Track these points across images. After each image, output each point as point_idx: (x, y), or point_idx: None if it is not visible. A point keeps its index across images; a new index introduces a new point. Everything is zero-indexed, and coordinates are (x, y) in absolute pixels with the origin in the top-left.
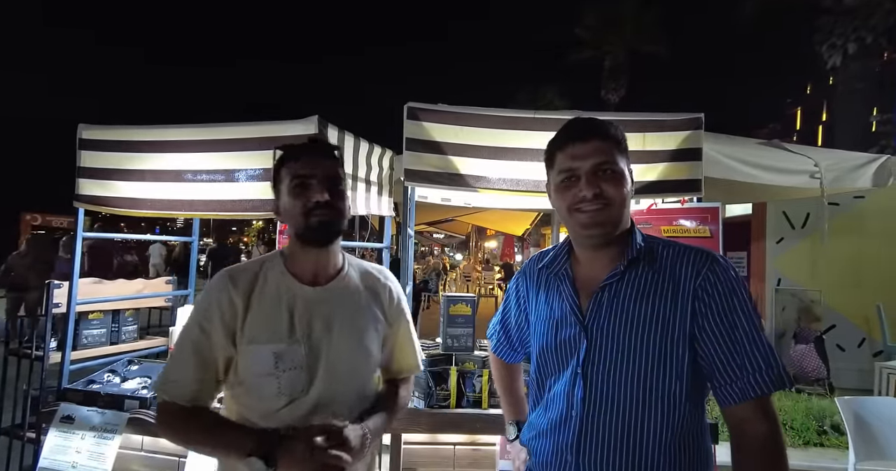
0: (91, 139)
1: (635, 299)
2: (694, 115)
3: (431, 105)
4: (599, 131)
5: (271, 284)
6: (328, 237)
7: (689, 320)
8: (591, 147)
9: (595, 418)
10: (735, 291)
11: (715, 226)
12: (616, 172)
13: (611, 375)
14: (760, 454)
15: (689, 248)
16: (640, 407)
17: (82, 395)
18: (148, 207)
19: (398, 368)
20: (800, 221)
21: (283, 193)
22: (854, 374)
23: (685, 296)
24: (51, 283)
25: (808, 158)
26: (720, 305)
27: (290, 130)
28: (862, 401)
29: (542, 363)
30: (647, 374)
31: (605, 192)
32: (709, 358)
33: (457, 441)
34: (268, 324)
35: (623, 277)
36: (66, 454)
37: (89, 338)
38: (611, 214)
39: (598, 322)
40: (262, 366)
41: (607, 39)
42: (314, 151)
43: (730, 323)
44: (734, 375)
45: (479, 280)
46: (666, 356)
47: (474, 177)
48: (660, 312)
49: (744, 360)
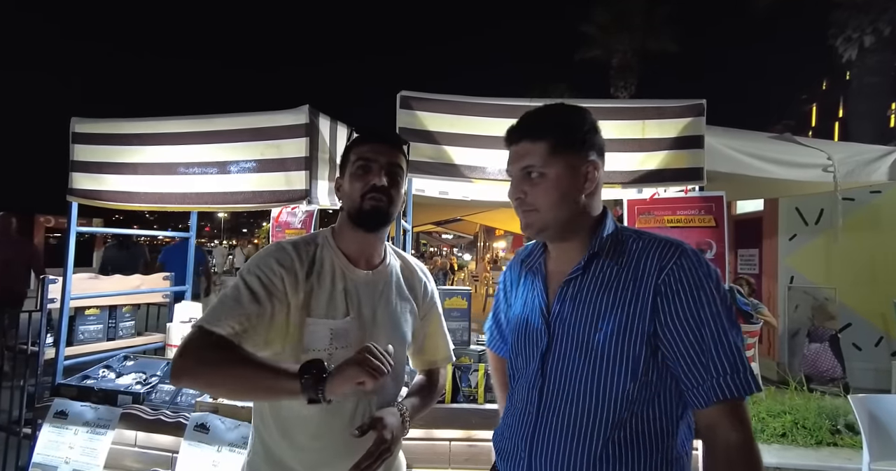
0: (83, 133)
1: (597, 294)
2: (695, 101)
3: (426, 94)
4: (528, 132)
5: (328, 263)
6: (377, 223)
7: (648, 318)
8: (519, 150)
9: (547, 414)
10: (702, 287)
11: (720, 216)
12: (543, 175)
13: (566, 371)
14: (729, 463)
15: (659, 240)
16: (590, 405)
17: (76, 390)
18: (141, 200)
19: (431, 358)
20: (813, 217)
21: (346, 173)
22: (871, 373)
23: (646, 291)
24: (45, 278)
25: (821, 152)
26: (685, 303)
27: (281, 121)
28: (876, 399)
29: (514, 358)
30: (601, 372)
31: (529, 197)
32: (673, 359)
33: (452, 437)
34: (328, 300)
35: (587, 271)
36: (59, 450)
37: (86, 334)
38: (539, 218)
39: (560, 317)
40: (318, 341)
41: (616, 37)
42: (383, 138)
43: (695, 322)
44: (700, 377)
45: (488, 280)
46: (621, 355)
47: (470, 167)
48: (618, 308)
49: (708, 361)
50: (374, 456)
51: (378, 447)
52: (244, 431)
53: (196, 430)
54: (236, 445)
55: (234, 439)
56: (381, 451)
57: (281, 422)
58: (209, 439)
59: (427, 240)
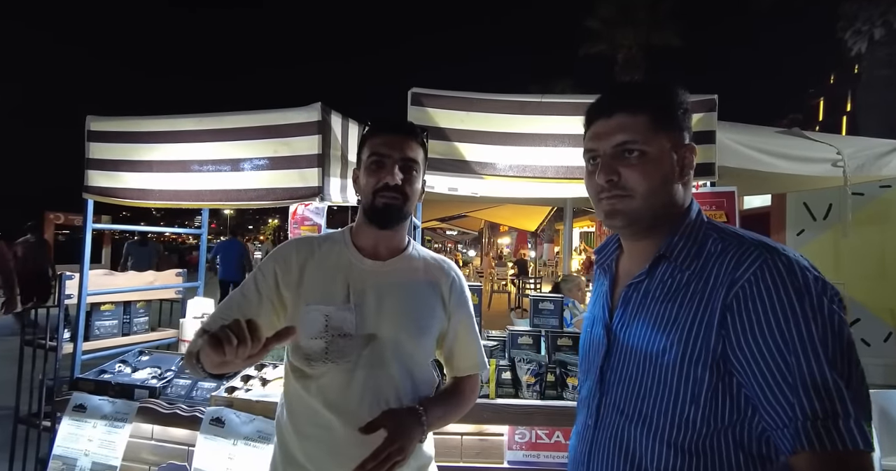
0: (99, 131)
1: (660, 303)
2: (707, 96)
3: (436, 90)
4: (628, 101)
5: (333, 253)
6: (389, 221)
7: (713, 338)
8: (614, 123)
9: (603, 432)
10: (790, 304)
11: (731, 212)
12: (644, 155)
13: (623, 387)
14: None
15: (741, 242)
16: (647, 428)
17: (94, 384)
18: (156, 197)
19: (459, 365)
20: (821, 212)
21: (361, 167)
22: (880, 369)
23: (713, 306)
24: (62, 274)
25: (830, 146)
26: (763, 323)
27: (293, 118)
28: (886, 395)
29: (581, 362)
30: (659, 391)
31: (625, 179)
32: (749, 389)
33: (464, 431)
34: (323, 288)
35: (652, 276)
36: (79, 442)
37: (102, 329)
38: (633, 206)
39: (621, 323)
40: (313, 327)
41: (621, 31)
42: (398, 131)
43: (776, 347)
44: (785, 416)
45: (492, 276)
46: (680, 375)
47: (480, 163)
48: (680, 322)
49: (794, 399)
50: (380, 458)
51: (385, 448)
52: (259, 425)
53: (212, 424)
54: (251, 438)
55: (250, 432)
56: (391, 453)
57: (290, 413)
58: (225, 432)
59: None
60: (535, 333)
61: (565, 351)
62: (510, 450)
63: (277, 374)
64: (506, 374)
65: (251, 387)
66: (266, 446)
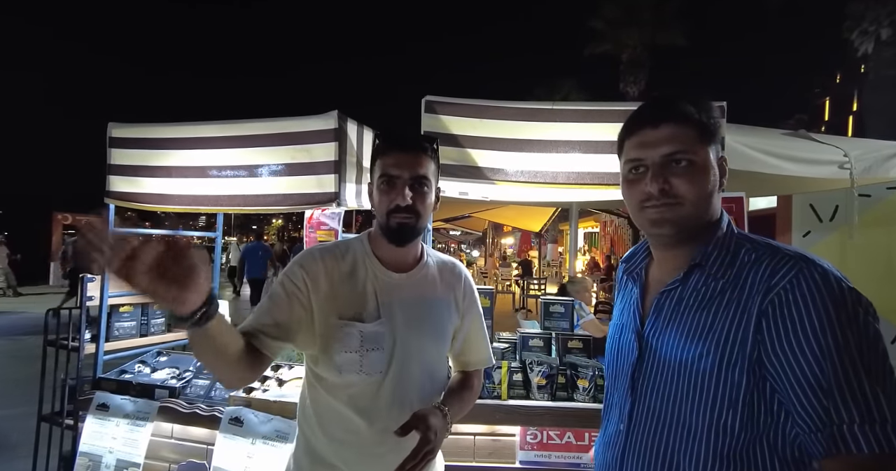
0: (120, 137)
1: (695, 309)
2: (716, 103)
3: (449, 98)
4: (675, 113)
5: (359, 265)
6: (404, 240)
7: (750, 343)
8: (662, 133)
9: (638, 438)
10: (825, 312)
11: (740, 217)
12: (693, 164)
13: (659, 391)
14: None
15: (775, 252)
16: (683, 433)
17: (115, 384)
18: (175, 202)
19: (469, 360)
20: (828, 214)
21: (373, 183)
22: None
23: (749, 313)
24: (84, 276)
25: (837, 148)
26: (799, 330)
27: (310, 126)
28: None
29: (607, 368)
30: (696, 397)
31: (676, 188)
32: (783, 393)
33: (476, 432)
34: (355, 302)
35: (686, 284)
36: (103, 440)
37: (121, 330)
38: (681, 214)
39: (654, 330)
40: (349, 343)
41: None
42: (406, 149)
43: (811, 353)
44: (819, 421)
45: (497, 277)
46: (718, 381)
47: (492, 169)
48: (718, 328)
49: (829, 404)
50: (419, 457)
51: (422, 448)
52: (277, 424)
53: (231, 423)
54: (270, 438)
55: (268, 432)
56: (426, 452)
57: (318, 416)
58: (243, 432)
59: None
60: (545, 335)
61: (576, 353)
62: (522, 450)
63: (293, 375)
64: (517, 376)
65: (268, 387)
66: (284, 445)
